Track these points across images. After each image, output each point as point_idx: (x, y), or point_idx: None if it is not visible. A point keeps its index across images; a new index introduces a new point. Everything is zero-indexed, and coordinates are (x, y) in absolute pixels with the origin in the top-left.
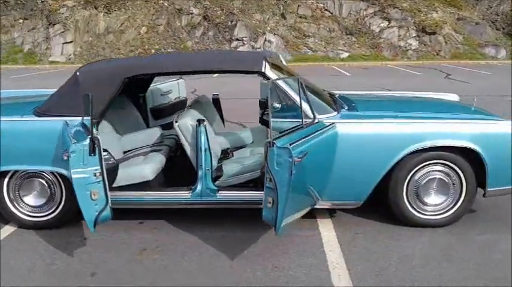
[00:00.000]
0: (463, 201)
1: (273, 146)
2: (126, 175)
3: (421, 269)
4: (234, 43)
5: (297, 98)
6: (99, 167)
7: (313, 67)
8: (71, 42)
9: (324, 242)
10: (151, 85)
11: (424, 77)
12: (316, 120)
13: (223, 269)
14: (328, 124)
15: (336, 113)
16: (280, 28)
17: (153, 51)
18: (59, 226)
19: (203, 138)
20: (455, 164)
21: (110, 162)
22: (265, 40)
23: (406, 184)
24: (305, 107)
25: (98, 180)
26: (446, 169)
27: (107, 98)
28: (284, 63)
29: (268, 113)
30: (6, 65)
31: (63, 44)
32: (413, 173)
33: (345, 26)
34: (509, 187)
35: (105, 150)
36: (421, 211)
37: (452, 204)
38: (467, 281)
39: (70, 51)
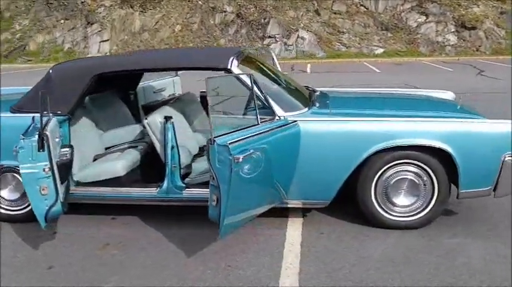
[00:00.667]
0: (435, 203)
1: (213, 143)
2: (98, 170)
3: (374, 271)
4: (267, 40)
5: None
6: (48, 163)
7: (343, 63)
8: (108, 40)
9: (287, 242)
10: (145, 82)
11: (454, 74)
12: (277, 118)
13: (176, 266)
14: (290, 122)
15: (306, 110)
16: (313, 25)
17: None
18: (35, 220)
19: (170, 135)
20: (426, 164)
21: (65, 158)
22: (297, 37)
23: (374, 183)
24: (262, 104)
25: (47, 175)
26: (416, 170)
27: (78, 95)
28: (275, 60)
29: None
30: (48, 63)
31: (100, 42)
32: (382, 173)
33: (380, 21)
34: (483, 189)
35: (70, 146)
36: (390, 212)
37: (424, 206)
38: (416, 285)
39: (106, 49)
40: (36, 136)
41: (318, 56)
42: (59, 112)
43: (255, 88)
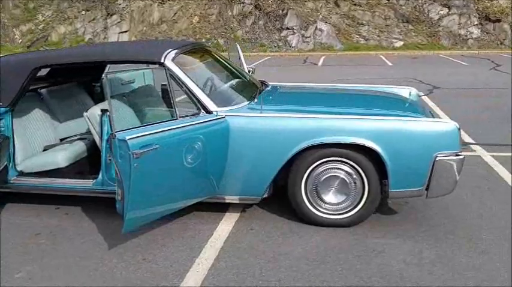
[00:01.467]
0: (365, 202)
1: (114, 138)
2: (41, 161)
3: (285, 269)
4: (284, 32)
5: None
6: None
7: (359, 56)
8: (126, 31)
9: (213, 237)
10: (113, 75)
11: (467, 68)
12: (203, 113)
13: (94, 257)
14: (216, 117)
15: (242, 105)
16: (332, 16)
17: (203, 40)
18: None
19: (106, 128)
20: (356, 162)
21: None
22: (315, 29)
23: (304, 180)
24: (194, 98)
25: None
26: (347, 168)
27: (18, 88)
28: (241, 54)
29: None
30: None
31: (119, 33)
32: (312, 170)
33: (401, 13)
34: (414, 189)
35: (5, 137)
36: (320, 209)
37: (354, 205)
38: (320, 285)
39: (125, 40)
40: None
41: (335, 48)
42: (0, 104)
43: (188, 82)
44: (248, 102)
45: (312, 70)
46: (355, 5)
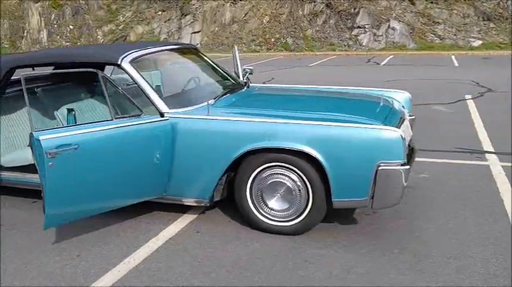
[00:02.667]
0: (309, 211)
1: (32, 137)
2: (18, 156)
3: (203, 275)
4: (355, 31)
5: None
6: None
7: (429, 56)
8: (199, 32)
9: (156, 237)
10: (119, 75)
11: None
12: (143, 114)
13: (34, 251)
14: (155, 119)
15: (194, 107)
16: (407, 15)
17: (272, 40)
18: None
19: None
20: (299, 169)
21: None
22: (388, 27)
23: (249, 184)
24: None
25: None
26: (291, 174)
27: None
28: (237, 56)
29: None
30: None
31: (191, 33)
32: (257, 175)
33: (482, 10)
34: (358, 199)
35: None
36: (265, 215)
37: (299, 213)
38: None
39: (197, 40)
40: None
41: (408, 48)
42: None
43: (143, 84)
44: (204, 104)
45: (369, 70)
46: (431, 2)
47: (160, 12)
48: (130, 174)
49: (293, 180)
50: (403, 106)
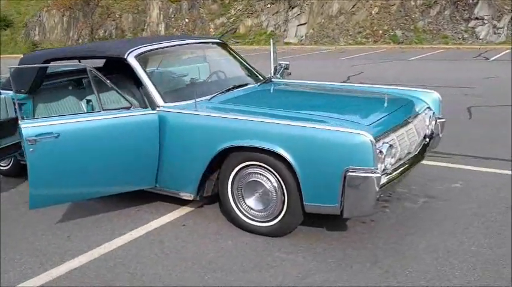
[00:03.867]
0: (285, 214)
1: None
2: None
3: (163, 269)
4: (472, 22)
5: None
6: None
7: None
8: (305, 24)
9: (140, 227)
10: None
11: None
12: (134, 107)
13: (17, 227)
14: (145, 112)
15: (188, 102)
16: None
17: (380, 32)
18: None
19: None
20: (275, 169)
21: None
22: (511, 19)
23: (230, 181)
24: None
25: None
26: (268, 174)
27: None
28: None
29: None
30: (252, 45)
31: (297, 26)
32: (237, 172)
33: None
34: (329, 205)
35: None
36: (245, 214)
37: (275, 214)
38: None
39: (303, 32)
40: None
41: None
42: (22, 91)
43: (144, 78)
44: (200, 99)
45: (470, 66)
46: None
47: (269, 5)
48: (113, 164)
49: (270, 181)
50: (428, 107)
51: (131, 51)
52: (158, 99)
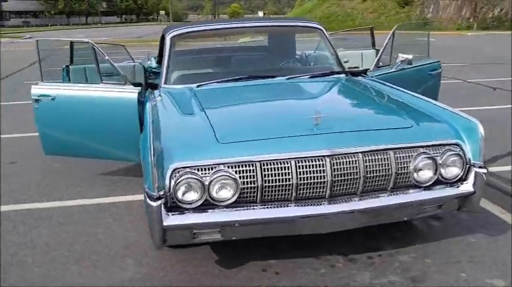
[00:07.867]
0: None
1: None
2: None
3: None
4: None
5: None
6: None
7: None
8: None
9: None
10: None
11: None
12: (128, 84)
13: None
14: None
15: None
16: None
17: None
18: None
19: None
20: None
21: None
22: None
23: None
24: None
25: None
26: None
27: None
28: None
29: None
30: None
31: None
32: None
33: None
34: None
35: None
36: None
37: None
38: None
39: None
40: None
41: None
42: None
43: (165, 58)
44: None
45: None
46: None
47: None
48: (99, 131)
49: None
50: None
51: (170, 32)
52: (163, 79)
